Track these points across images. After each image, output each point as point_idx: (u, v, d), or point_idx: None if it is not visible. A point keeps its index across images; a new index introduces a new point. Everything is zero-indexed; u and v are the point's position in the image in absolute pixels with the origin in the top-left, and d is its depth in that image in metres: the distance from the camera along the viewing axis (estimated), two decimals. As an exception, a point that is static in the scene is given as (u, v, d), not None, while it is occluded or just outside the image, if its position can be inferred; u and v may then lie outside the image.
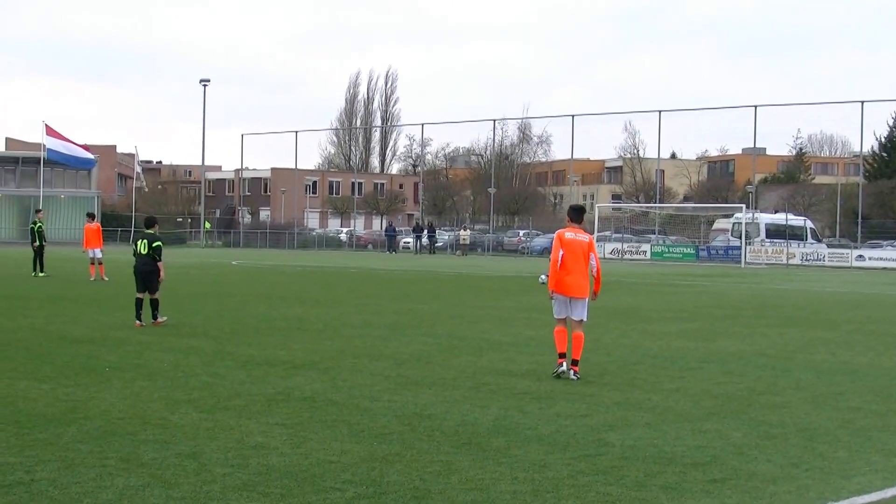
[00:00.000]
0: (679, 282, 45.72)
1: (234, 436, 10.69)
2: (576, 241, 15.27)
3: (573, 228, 15.45)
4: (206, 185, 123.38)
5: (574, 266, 15.19)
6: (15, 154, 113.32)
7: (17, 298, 28.62)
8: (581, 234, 15.46)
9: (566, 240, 15.29)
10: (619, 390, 14.15)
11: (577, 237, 15.32)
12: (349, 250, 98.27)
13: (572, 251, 15.22)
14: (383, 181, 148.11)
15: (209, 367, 15.72)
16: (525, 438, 10.85)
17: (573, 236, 15.32)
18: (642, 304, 30.40)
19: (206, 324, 22.45)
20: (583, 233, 15.53)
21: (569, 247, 15.25)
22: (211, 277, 42.32)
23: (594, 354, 17.71)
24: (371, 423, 11.50)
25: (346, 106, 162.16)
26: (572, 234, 15.35)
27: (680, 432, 11.30)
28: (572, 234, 15.35)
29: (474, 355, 17.62)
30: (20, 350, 17.46)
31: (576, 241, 15.27)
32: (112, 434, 10.67)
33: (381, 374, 15.30)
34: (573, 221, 15.58)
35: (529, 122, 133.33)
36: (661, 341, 20.37)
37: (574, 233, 15.38)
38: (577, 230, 15.45)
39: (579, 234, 15.40)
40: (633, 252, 79.57)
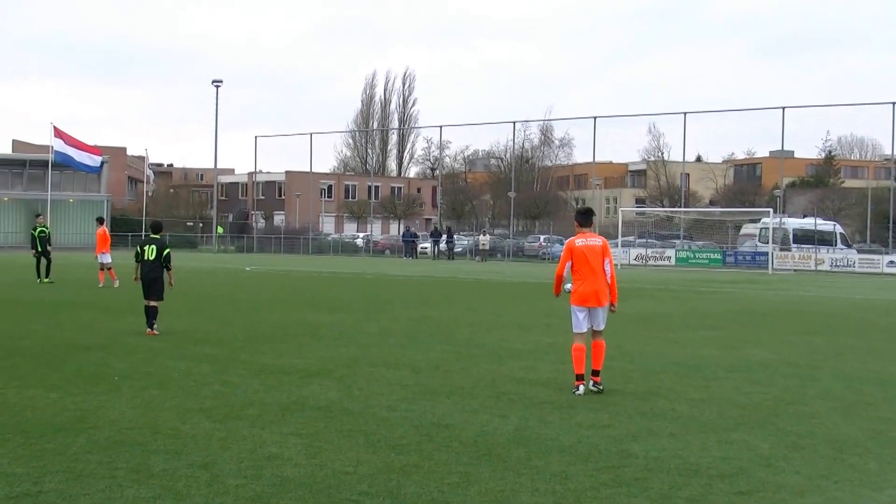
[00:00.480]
0: (704, 288, 45.60)
1: (248, 446, 10.70)
2: (588, 248, 14.78)
3: (583, 234, 14.96)
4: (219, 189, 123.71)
5: (589, 274, 14.71)
6: (22, 157, 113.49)
7: (24, 304, 28.70)
8: (593, 238, 14.98)
9: (577, 248, 14.82)
10: (643, 399, 14.12)
11: (588, 242, 14.84)
12: (365, 256, 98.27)
13: (585, 260, 14.72)
14: (400, 185, 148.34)
15: (222, 375, 15.74)
16: (546, 449, 10.83)
17: (584, 242, 14.84)
18: (666, 311, 30.34)
19: (218, 331, 22.47)
20: (595, 236, 15.06)
21: (581, 256, 14.75)
22: (224, 283, 42.37)
23: (617, 362, 17.68)
24: (388, 433, 11.50)
25: (362, 107, 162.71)
26: (583, 241, 14.85)
27: (705, 443, 11.27)
28: (583, 241, 14.85)
29: (494, 363, 17.61)
30: (27, 358, 17.50)
31: (587, 246, 14.79)
32: (122, 444, 10.68)
33: (398, 382, 15.29)
34: (582, 226, 15.09)
35: (551, 125, 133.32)
36: (686, 349, 20.33)
37: (585, 238, 14.89)
38: (587, 235, 14.96)
39: (591, 239, 14.91)
40: (657, 258, 79.41)
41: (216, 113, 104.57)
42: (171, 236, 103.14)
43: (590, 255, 14.72)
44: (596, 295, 14.70)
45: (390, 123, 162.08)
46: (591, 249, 14.76)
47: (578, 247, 14.81)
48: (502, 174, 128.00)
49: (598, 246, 14.84)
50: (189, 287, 38.06)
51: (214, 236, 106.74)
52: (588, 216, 15.28)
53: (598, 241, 14.96)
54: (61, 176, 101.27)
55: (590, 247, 14.79)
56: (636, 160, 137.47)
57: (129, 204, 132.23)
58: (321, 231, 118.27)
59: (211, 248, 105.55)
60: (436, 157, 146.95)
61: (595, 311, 14.81)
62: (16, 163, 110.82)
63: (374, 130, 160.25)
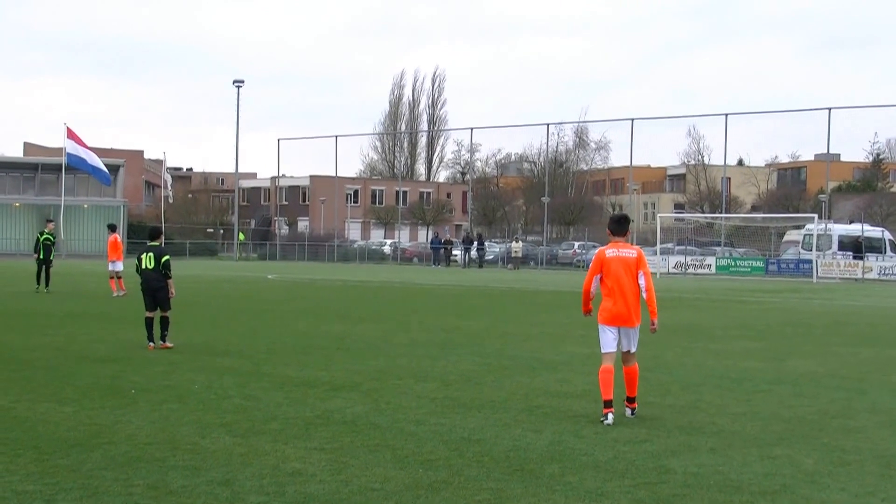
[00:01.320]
0: (746, 297, 45.48)
1: (270, 462, 10.72)
2: (619, 259, 13.77)
3: (616, 244, 13.96)
4: (240, 194, 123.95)
5: (621, 290, 13.68)
6: (34, 160, 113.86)
7: (36, 315, 28.79)
8: (626, 248, 13.95)
9: (608, 259, 13.83)
10: (682, 413, 14.10)
11: (620, 253, 13.82)
12: (393, 263, 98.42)
13: (616, 271, 13.70)
14: (429, 190, 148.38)
15: (243, 388, 15.77)
16: (581, 465, 10.82)
17: (616, 253, 13.83)
18: (707, 321, 30.28)
19: (240, 342, 22.52)
20: (628, 247, 14.03)
21: (612, 268, 13.74)
22: (245, 292, 42.47)
23: (654, 374, 17.66)
24: (416, 448, 11.51)
25: (389, 109, 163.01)
26: (614, 251, 13.84)
27: (747, 458, 11.24)
28: (614, 251, 13.84)
29: (526, 376, 17.60)
30: (40, 370, 17.54)
31: (619, 258, 13.78)
32: (139, 460, 10.71)
33: (427, 395, 15.31)
34: (615, 235, 14.06)
35: (586, 127, 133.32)
36: (727, 361, 20.27)
37: (617, 248, 13.89)
38: (620, 245, 13.94)
39: (623, 250, 13.88)
40: (697, 265, 79.21)
41: (237, 114, 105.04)
42: (190, 244, 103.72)
43: (622, 267, 13.73)
44: (627, 313, 13.70)
45: (419, 125, 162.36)
46: (623, 261, 13.78)
47: (609, 258, 13.84)
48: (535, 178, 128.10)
49: (631, 258, 13.83)
50: (209, 297, 38.21)
51: (236, 243, 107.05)
52: (622, 224, 14.23)
53: (631, 252, 13.94)
54: (75, 180, 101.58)
55: (622, 258, 13.80)
56: (675, 164, 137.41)
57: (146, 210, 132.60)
58: (347, 238, 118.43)
59: (232, 256, 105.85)
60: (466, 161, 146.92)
61: (626, 332, 13.80)
62: (27, 166, 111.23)
63: (402, 133, 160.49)
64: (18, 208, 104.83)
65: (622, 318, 13.74)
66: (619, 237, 14.09)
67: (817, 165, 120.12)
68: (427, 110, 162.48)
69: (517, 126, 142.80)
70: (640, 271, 13.80)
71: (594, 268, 13.98)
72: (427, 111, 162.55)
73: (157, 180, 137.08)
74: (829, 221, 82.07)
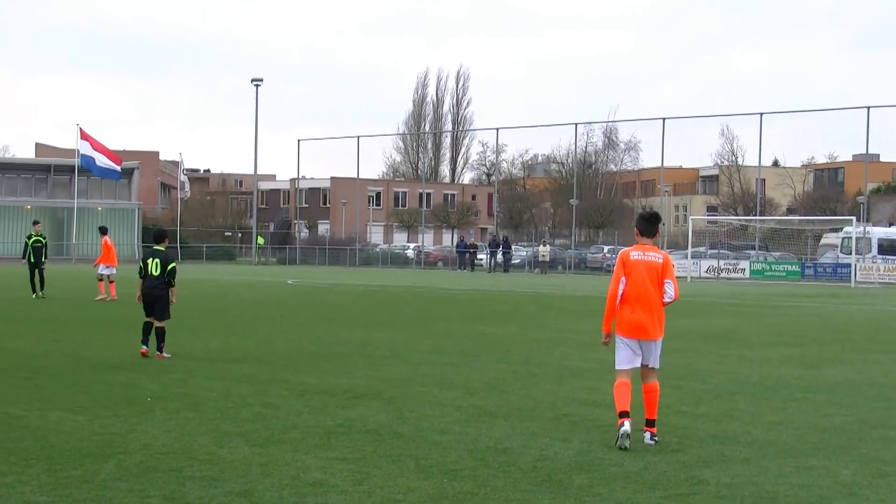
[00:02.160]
0: (782, 302, 45.37)
1: (290, 472, 10.73)
2: (644, 263, 12.79)
3: (643, 246, 12.96)
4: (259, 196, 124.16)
5: (643, 297, 12.74)
6: (46, 161, 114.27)
7: (47, 321, 28.86)
8: (653, 251, 12.96)
9: (631, 262, 12.83)
10: (715, 422, 14.07)
11: (646, 257, 12.83)
12: (416, 268, 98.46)
13: (640, 277, 12.74)
14: (454, 192, 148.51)
15: (262, 396, 15.78)
16: (610, 475, 10.80)
17: (641, 256, 12.85)
18: (741, 327, 30.20)
19: (258, 349, 22.55)
20: (655, 250, 13.01)
21: (635, 271, 12.77)
22: (264, 297, 42.54)
23: (687, 382, 17.64)
24: (440, 457, 11.51)
25: (413, 108, 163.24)
26: (639, 254, 12.86)
27: (783, 469, 11.21)
28: (639, 254, 12.86)
29: (554, 383, 17.59)
30: (51, 378, 17.56)
31: (644, 262, 12.80)
32: (154, 470, 10.73)
33: (451, 404, 15.30)
34: (644, 235, 13.05)
35: (616, 127, 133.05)
36: (762, 368, 20.23)
37: (642, 252, 12.89)
38: (647, 247, 12.95)
39: (650, 253, 12.90)
40: (730, 270, 79.09)
41: (256, 114, 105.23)
42: (207, 247, 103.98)
43: (647, 272, 12.77)
44: (650, 324, 12.77)
45: (443, 125, 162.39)
46: (648, 266, 12.80)
47: (634, 260, 12.84)
48: (563, 180, 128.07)
49: (657, 263, 12.85)
50: (227, 302, 38.30)
51: (254, 247, 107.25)
52: (653, 224, 13.16)
53: (657, 256, 12.93)
54: (88, 182, 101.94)
55: (648, 262, 12.82)
56: (708, 165, 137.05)
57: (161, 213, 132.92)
58: (369, 241, 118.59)
59: (250, 260, 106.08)
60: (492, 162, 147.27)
61: (647, 345, 12.85)
62: (39, 168, 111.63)
63: (425, 133, 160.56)
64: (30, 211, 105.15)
65: (643, 330, 12.77)
66: (647, 238, 13.03)
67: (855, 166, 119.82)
68: (451, 110, 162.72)
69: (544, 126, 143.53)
70: (666, 279, 12.84)
71: (619, 270, 12.92)
72: (451, 111, 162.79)
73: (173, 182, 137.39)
74: (867, 224, 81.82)
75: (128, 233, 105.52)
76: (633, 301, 12.82)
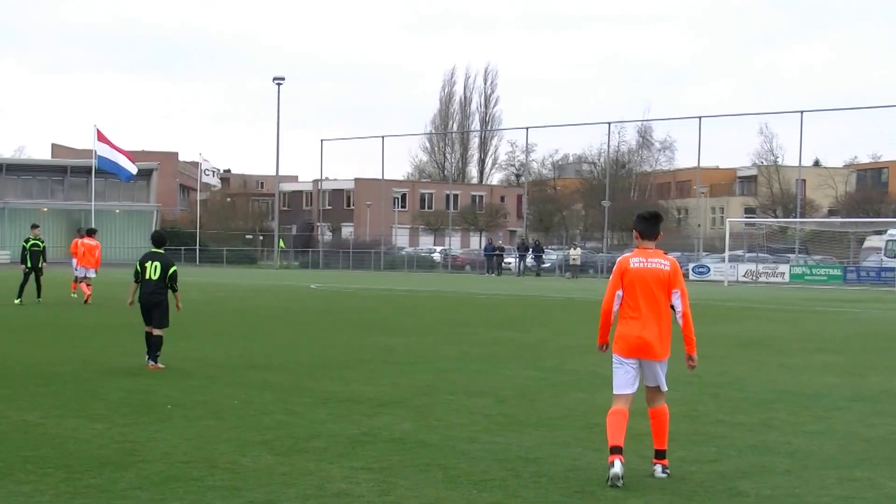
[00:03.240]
0: (823, 308, 45.24)
1: (314, 482, 10.76)
2: (648, 271, 11.51)
3: (644, 251, 11.70)
4: (281, 198, 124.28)
5: (645, 309, 11.45)
6: (63, 163, 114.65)
7: (64, 327, 28.95)
8: (657, 257, 11.62)
9: (632, 270, 11.56)
10: (754, 432, 14.04)
11: (648, 264, 11.54)
12: (443, 272, 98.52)
13: (642, 287, 11.47)
14: (482, 193, 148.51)
15: (285, 403, 15.82)
16: (645, 487, 10.80)
17: (642, 263, 11.56)
18: (780, 334, 30.12)
19: (280, 355, 22.58)
20: (659, 256, 11.67)
21: (636, 280, 11.51)
22: (286, 302, 42.61)
23: (724, 390, 17.61)
24: (469, 467, 11.52)
25: (440, 107, 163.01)
26: (641, 261, 11.58)
27: (825, 481, 11.18)
28: (641, 261, 11.58)
29: (586, 391, 17.57)
30: (69, 384, 17.64)
31: (646, 270, 11.52)
32: (175, 479, 10.77)
33: (479, 412, 15.31)
34: (645, 238, 11.76)
35: (650, 125, 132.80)
36: (803, 376, 20.18)
37: (644, 258, 11.60)
38: (650, 253, 11.66)
39: (653, 260, 11.59)
40: (769, 274, 78.92)
41: (277, 113, 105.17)
42: (227, 251, 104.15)
43: (651, 281, 11.50)
44: (653, 342, 11.45)
45: (471, 125, 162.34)
46: (652, 274, 11.52)
47: (634, 268, 11.57)
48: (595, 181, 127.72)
49: (663, 270, 11.55)
50: (248, 307, 38.36)
51: (276, 251, 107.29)
52: (654, 224, 11.89)
53: (663, 263, 11.61)
54: (106, 184, 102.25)
55: (651, 270, 11.54)
56: (746, 165, 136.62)
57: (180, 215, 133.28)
58: (394, 245, 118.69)
59: (272, 264, 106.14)
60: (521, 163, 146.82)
61: (651, 366, 11.57)
62: (56, 169, 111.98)
63: (452, 133, 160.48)
64: (46, 213, 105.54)
65: (645, 349, 11.45)
66: (649, 241, 11.75)
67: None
68: (479, 108, 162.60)
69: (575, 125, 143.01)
70: (674, 289, 11.56)
71: (615, 280, 11.64)
72: (479, 109, 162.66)
73: (193, 183, 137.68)
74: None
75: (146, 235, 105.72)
76: (635, 315, 11.49)
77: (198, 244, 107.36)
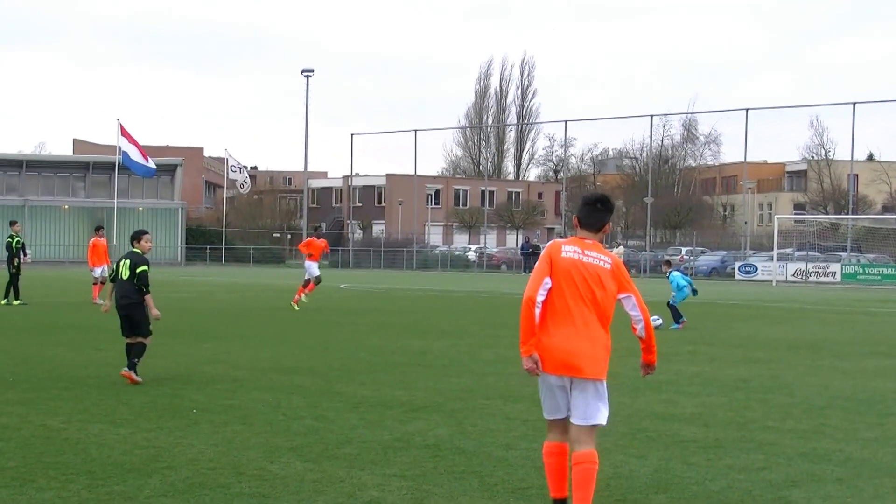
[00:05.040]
0: (878, 309, 45.07)
1: (345, 489, 10.78)
2: (582, 265, 9.52)
3: (581, 241, 9.69)
4: (309, 195, 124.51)
5: (576, 313, 9.51)
6: (84, 159, 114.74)
7: (86, 329, 28.97)
8: (595, 250, 9.66)
9: (563, 261, 9.53)
10: (805, 439, 13.99)
11: (585, 257, 9.56)
12: (478, 271, 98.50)
13: (573, 283, 9.49)
14: (519, 189, 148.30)
15: (315, 408, 15.85)
16: (691, 495, 10.80)
17: (577, 255, 9.56)
18: (832, 336, 30.01)
19: (310, 358, 22.62)
20: (599, 250, 9.70)
21: (567, 274, 9.50)
22: (316, 304, 42.63)
23: (774, 395, 17.56)
24: (506, 475, 11.53)
25: (475, 100, 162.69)
26: (575, 252, 9.57)
27: (879, 490, 11.15)
28: (575, 252, 9.57)
29: (628, 396, 17.53)
30: (91, 388, 17.73)
31: (582, 263, 9.53)
32: (201, 486, 10.83)
33: (517, 417, 15.32)
34: (585, 227, 9.75)
35: (695, 119, 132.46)
36: (856, 380, 20.09)
37: (580, 249, 9.60)
38: (588, 244, 9.66)
39: (592, 253, 9.61)
40: (820, 273, 78.65)
41: (306, 107, 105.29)
42: (254, 249, 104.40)
43: (587, 278, 9.53)
44: (582, 354, 9.47)
45: (507, 118, 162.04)
46: (588, 270, 9.55)
47: (566, 259, 9.54)
48: (637, 176, 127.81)
49: (602, 268, 9.60)
50: (276, 309, 38.44)
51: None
52: (599, 212, 9.82)
53: (603, 259, 9.65)
54: (129, 181, 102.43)
55: (587, 265, 9.56)
56: (795, 159, 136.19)
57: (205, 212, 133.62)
58: (427, 243, 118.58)
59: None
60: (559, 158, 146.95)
61: (580, 386, 9.52)
62: (77, 166, 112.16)
63: (488, 127, 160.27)
64: (67, 211, 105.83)
65: (571, 364, 9.45)
66: (590, 231, 9.74)
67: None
68: (516, 101, 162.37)
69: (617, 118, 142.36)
70: (624, 294, 9.83)
71: (543, 266, 9.58)
72: (516, 102, 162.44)
73: (219, 180, 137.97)
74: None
75: (171, 234, 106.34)
76: (560, 320, 9.52)
77: (223, 243, 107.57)
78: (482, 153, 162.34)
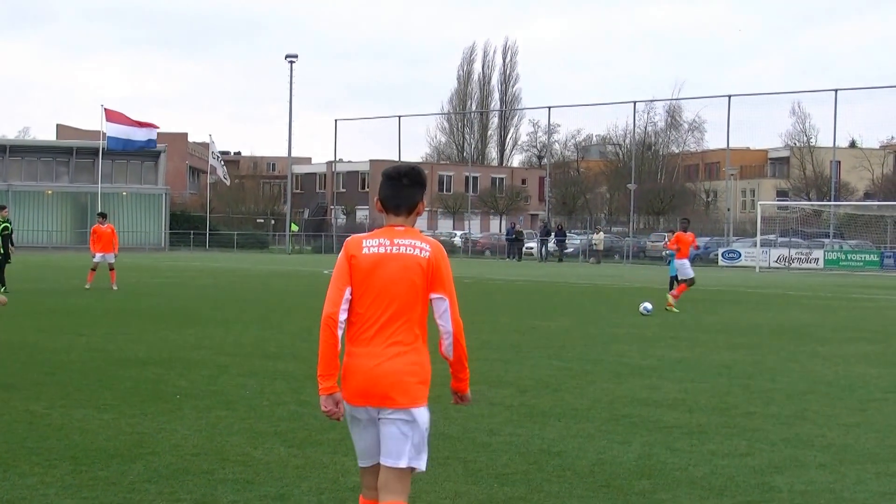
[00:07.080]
0: (859, 295, 45.17)
1: (329, 475, 10.78)
2: (392, 260, 7.52)
3: (390, 230, 7.69)
4: (293, 180, 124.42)
5: (385, 323, 7.59)
6: (68, 144, 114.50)
7: (70, 313, 28.96)
8: (408, 237, 7.61)
9: (363, 260, 7.54)
10: (787, 424, 14.00)
11: (395, 248, 7.55)
12: (463, 256, 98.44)
13: (378, 287, 7.51)
14: (502, 175, 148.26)
15: (298, 394, 15.82)
16: (674, 481, 10.79)
17: (382, 249, 7.57)
18: (814, 322, 30.07)
19: (293, 343, 22.58)
20: (414, 236, 7.66)
21: (369, 277, 7.52)
22: (299, 289, 42.63)
23: (757, 381, 17.59)
24: (490, 460, 11.53)
25: (458, 86, 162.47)
26: (380, 245, 7.61)
27: (861, 475, 11.15)
28: (380, 245, 7.61)
29: (611, 382, 17.55)
30: (75, 374, 17.63)
31: (390, 258, 7.52)
32: (185, 472, 10.81)
33: (501, 403, 15.30)
34: (391, 211, 7.73)
35: (679, 105, 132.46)
36: (838, 366, 20.12)
37: (386, 240, 7.62)
38: (397, 233, 7.64)
39: (404, 242, 7.58)
40: (802, 259, 78.78)
41: (290, 93, 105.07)
42: (238, 235, 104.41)
43: (397, 278, 7.52)
44: (392, 376, 7.66)
45: (490, 104, 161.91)
46: (400, 263, 7.54)
47: (368, 257, 7.56)
48: (620, 162, 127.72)
49: (417, 258, 7.55)
50: (259, 293, 38.42)
51: (288, 235, 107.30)
52: (406, 188, 7.79)
53: (420, 247, 7.58)
54: (113, 166, 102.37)
55: (398, 258, 7.54)
56: (778, 146, 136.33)
57: (189, 198, 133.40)
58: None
59: (284, 249, 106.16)
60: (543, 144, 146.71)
61: (387, 423, 7.70)
62: (61, 150, 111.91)
63: (471, 112, 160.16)
64: (51, 196, 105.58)
65: (372, 392, 7.58)
66: (398, 214, 7.72)
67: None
68: (499, 87, 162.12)
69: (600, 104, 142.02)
70: (436, 293, 7.75)
71: (343, 273, 7.62)
72: (499, 88, 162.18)
73: (203, 165, 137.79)
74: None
75: (155, 219, 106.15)
76: (363, 334, 7.60)
77: (208, 228, 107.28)
78: (466, 139, 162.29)
